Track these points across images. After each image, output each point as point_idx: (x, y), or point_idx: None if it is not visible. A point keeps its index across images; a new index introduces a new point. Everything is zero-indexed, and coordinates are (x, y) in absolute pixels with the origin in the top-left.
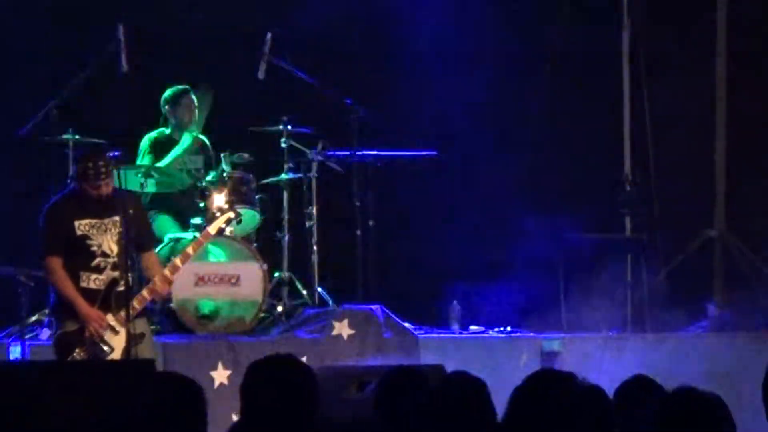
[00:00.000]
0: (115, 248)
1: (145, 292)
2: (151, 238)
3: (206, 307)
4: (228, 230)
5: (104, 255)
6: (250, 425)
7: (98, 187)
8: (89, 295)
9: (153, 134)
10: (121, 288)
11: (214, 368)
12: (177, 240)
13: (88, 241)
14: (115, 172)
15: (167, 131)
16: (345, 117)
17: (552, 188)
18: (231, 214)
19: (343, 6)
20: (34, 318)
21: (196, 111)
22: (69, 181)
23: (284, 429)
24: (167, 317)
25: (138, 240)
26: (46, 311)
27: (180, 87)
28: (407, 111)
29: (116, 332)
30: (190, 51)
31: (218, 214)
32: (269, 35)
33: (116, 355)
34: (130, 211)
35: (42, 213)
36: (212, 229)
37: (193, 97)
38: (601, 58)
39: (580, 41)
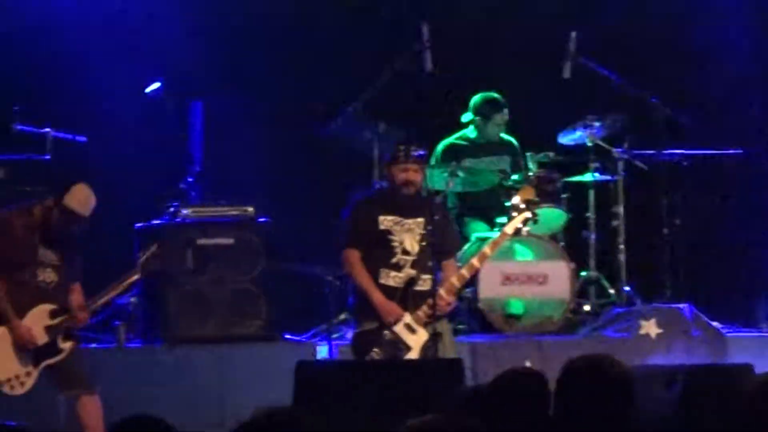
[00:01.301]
0: (416, 248)
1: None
2: (453, 246)
3: (514, 307)
4: (525, 230)
5: (405, 253)
6: (564, 421)
7: (406, 170)
8: (387, 292)
9: (451, 139)
10: (420, 288)
11: None
12: (484, 239)
13: (390, 237)
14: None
15: (472, 135)
16: (651, 115)
17: None
18: (528, 214)
19: (648, 2)
20: (341, 317)
21: (504, 124)
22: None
23: (598, 427)
24: (474, 317)
25: (440, 247)
26: None
27: (492, 97)
28: (714, 109)
29: (413, 331)
30: (494, 51)
31: (515, 214)
32: (574, 34)
33: (414, 354)
34: (436, 217)
35: (348, 205)
36: (509, 228)
37: (506, 110)
38: None
39: None
